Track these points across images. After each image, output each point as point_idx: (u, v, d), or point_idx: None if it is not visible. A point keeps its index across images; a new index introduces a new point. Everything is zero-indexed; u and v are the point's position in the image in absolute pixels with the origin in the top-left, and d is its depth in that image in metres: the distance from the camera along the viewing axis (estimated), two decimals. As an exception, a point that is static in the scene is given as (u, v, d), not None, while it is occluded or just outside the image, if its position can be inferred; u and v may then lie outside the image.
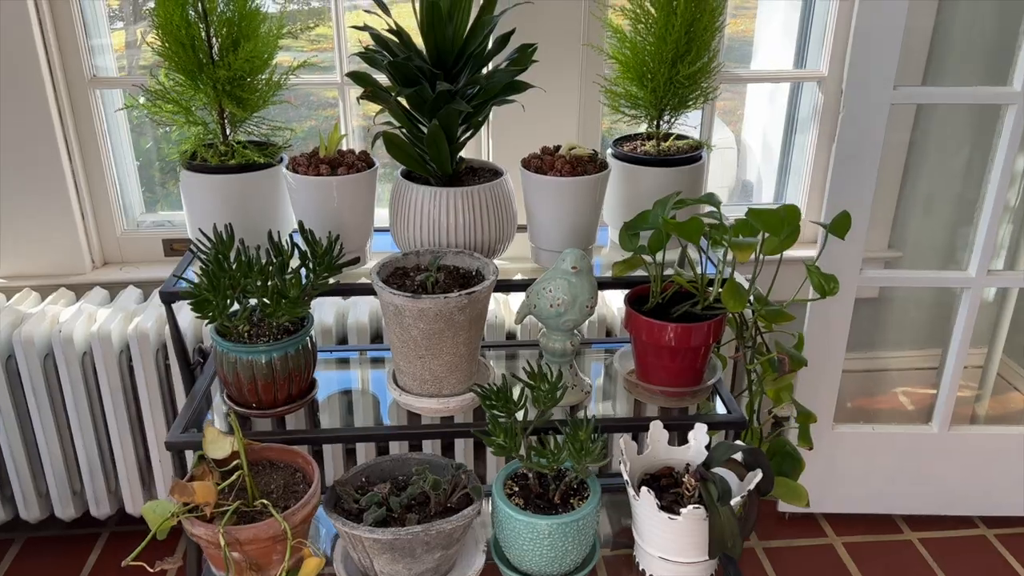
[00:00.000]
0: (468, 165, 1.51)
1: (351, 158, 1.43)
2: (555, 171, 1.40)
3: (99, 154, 1.90)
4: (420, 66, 1.32)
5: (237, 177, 1.40)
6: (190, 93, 1.38)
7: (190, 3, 1.35)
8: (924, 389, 2.45)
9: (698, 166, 1.51)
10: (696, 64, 1.43)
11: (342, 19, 1.84)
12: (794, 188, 2.21)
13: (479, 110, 1.40)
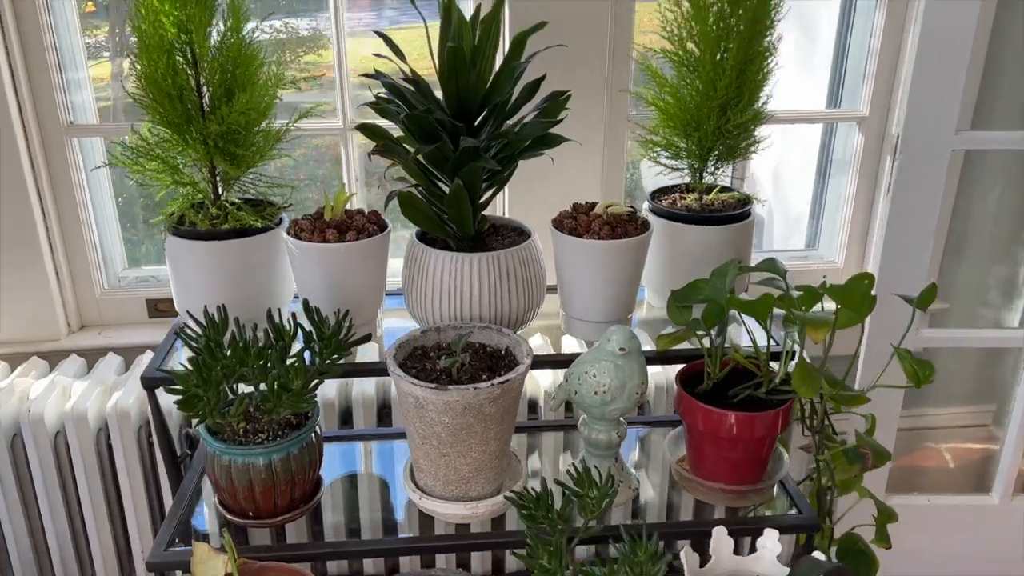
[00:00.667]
0: (490, 223, 1.35)
1: (360, 220, 1.26)
2: (592, 233, 1.24)
3: (76, 207, 1.73)
4: (441, 119, 1.16)
5: (231, 243, 1.23)
6: (177, 149, 1.22)
7: (177, 48, 1.18)
8: (970, 445, 2.29)
9: (747, 224, 1.35)
10: (749, 111, 1.27)
11: (344, 56, 1.69)
12: (829, 233, 2.06)
13: (505, 166, 1.23)
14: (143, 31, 1.16)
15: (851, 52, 1.91)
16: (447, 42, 1.16)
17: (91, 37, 1.84)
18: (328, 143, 1.95)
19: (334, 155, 1.99)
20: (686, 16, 1.25)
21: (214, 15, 1.20)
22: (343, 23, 1.66)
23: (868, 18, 1.85)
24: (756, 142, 1.32)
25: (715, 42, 1.24)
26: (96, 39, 1.85)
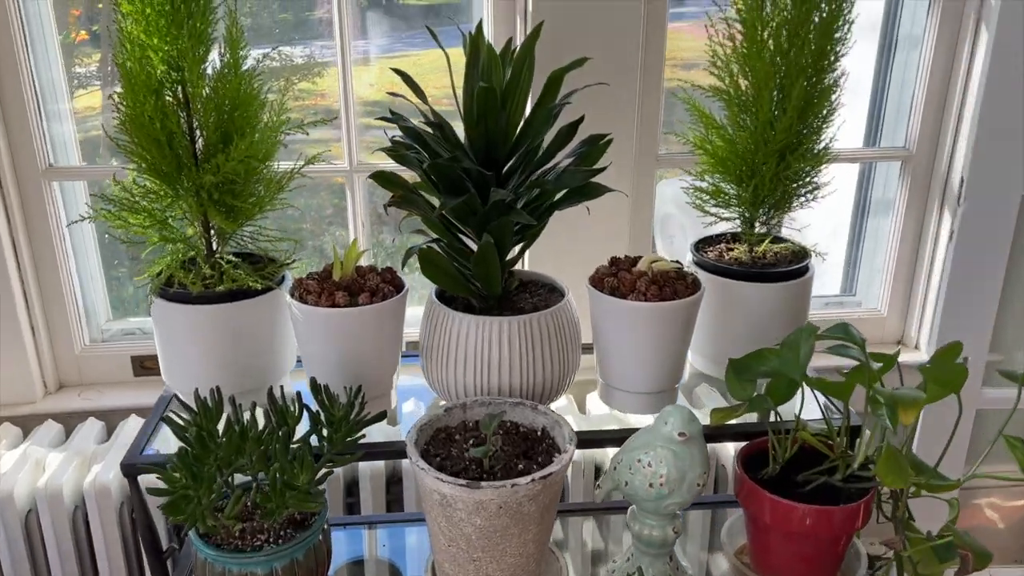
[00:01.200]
0: (518, 280, 1.20)
1: (373, 280, 1.11)
2: (637, 294, 1.09)
3: (55, 256, 1.58)
4: (468, 168, 1.02)
5: (226, 307, 1.08)
6: (166, 201, 1.07)
7: (167, 87, 1.04)
8: (1014, 502, 2.13)
9: (805, 281, 1.21)
10: (810, 155, 1.13)
11: (351, 90, 1.55)
12: (867, 279, 1.92)
13: (540, 219, 1.09)
14: (128, 69, 1.01)
15: (891, 87, 1.78)
16: (475, 81, 1.02)
17: (82, 67, 1.70)
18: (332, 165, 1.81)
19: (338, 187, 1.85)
20: (739, 51, 1.12)
21: (209, 50, 1.06)
22: (349, 55, 1.52)
23: (908, 53, 1.72)
24: (816, 188, 1.18)
25: (773, 80, 1.10)
26: (87, 67, 1.71)
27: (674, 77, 1.66)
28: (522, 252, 1.15)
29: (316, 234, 1.97)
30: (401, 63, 1.76)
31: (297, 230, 1.92)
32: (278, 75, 1.65)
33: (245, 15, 1.67)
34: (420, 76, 1.07)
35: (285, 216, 1.82)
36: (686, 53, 1.73)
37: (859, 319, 1.85)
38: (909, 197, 1.76)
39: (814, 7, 1.07)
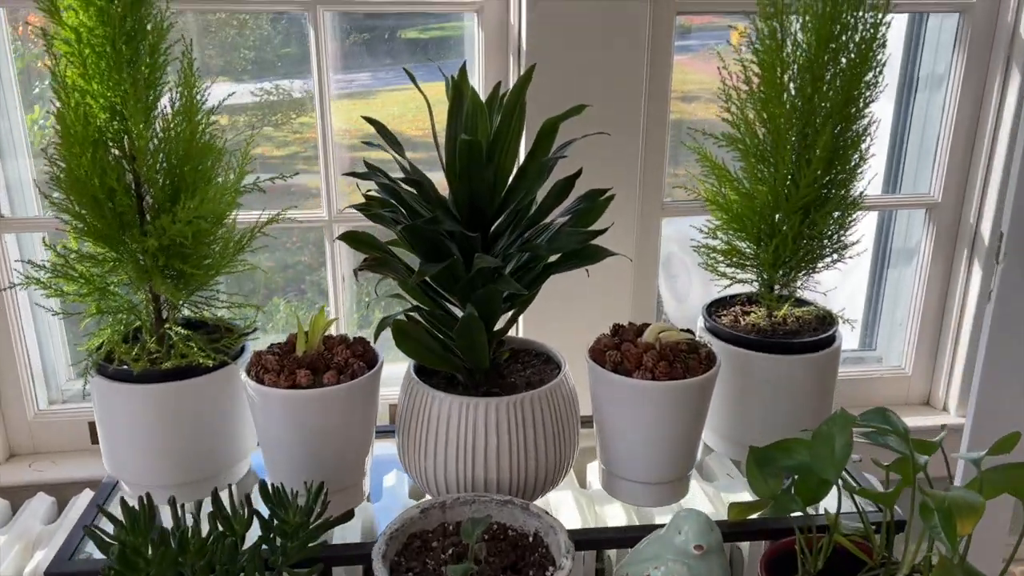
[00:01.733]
0: (509, 348, 1.07)
1: (342, 354, 0.97)
2: (644, 370, 0.96)
3: (6, 315, 1.44)
4: (451, 230, 0.89)
5: (173, 387, 0.94)
6: (107, 267, 0.94)
7: (110, 138, 0.92)
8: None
9: (833, 352, 1.07)
10: (837, 211, 1.01)
11: (330, 131, 1.42)
12: (888, 332, 1.78)
13: (531, 286, 0.96)
14: (65, 118, 0.89)
15: (912, 129, 1.66)
16: (458, 132, 0.90)
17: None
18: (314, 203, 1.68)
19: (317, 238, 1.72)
20: (756, 95, 0.99)
21: (159, 95, 0.94)
22: (328, 95, 1.40)
23: (931, 93, 1.61)
24: (844, 247, 1.05)
25: (794, 128, 0.98)
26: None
27: (675, 109, 1.54)
28: (512, 320, 1.01)
29: (296, 283, 1.83)
30: (402, 96, 1.65)
31: (271, 282, 1.79)
32: (275, 109, 1.54)
33: (249, 48, 1.57)
34: (421, 110, 0.94)
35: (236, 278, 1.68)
36: (689, 86, 1.62)
37: (882, 378, 1.71)
38: (934, 248, 1.63)
39: (841, 48, 0.95)
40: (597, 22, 1.32)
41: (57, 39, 0.88)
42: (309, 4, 1.35)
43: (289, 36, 1.58)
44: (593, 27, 1.32)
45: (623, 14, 1.32)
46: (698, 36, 1.63)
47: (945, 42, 1.56)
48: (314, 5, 1.35)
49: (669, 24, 1.38)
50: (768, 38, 0.97)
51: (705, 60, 1.60)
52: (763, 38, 0.98)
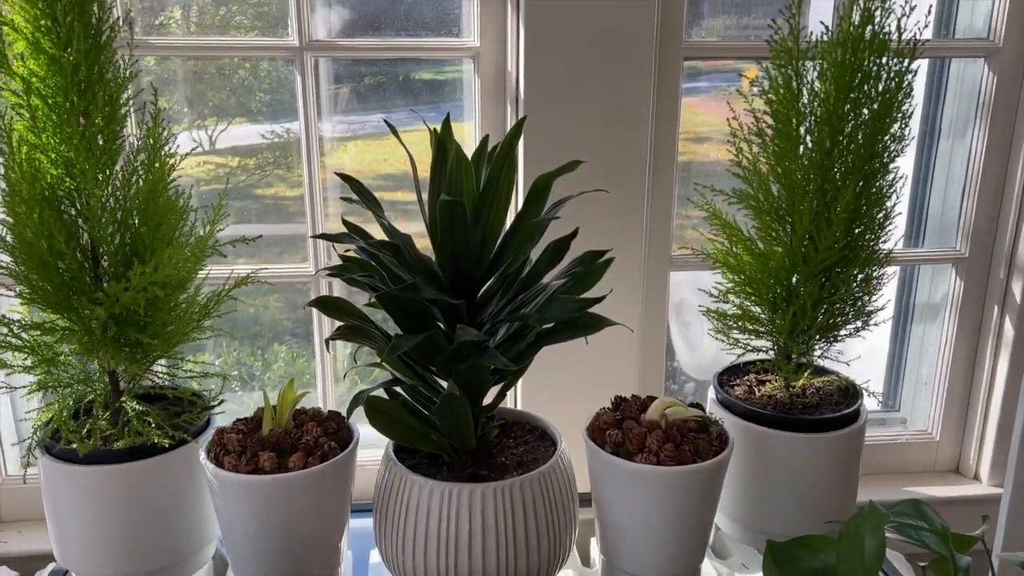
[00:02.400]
0: (499, 424, 0.97)
1: (312, 431, 0.88)
2: (648, 453, 0.86)
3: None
4: (434, 298, 0.80)
5: (126, 469, 0.85)
6: (56, 335, 0.85)
7: (62, 193, 0.84)
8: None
9: (858, 429, 0.97)
10: (860, 275, 0.91)
11: (316, 176, 1.34)
12: (911, 391, 1.67)
13: (522, 356, 0.87)
14: (11, 175, 0.81)
15: (935, 180, 1.57)
16: (440, 189, 0.82)
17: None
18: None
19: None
20: (770, 149, 0.91)
21: (118, 151, 0.86)
22: (316, 143, 1.33)
23: (954, 141, 1.52)
24: (869, 314, 0.95)
25: (812, 184, 0.89)
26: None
27: (686, 150, 1.47)
28: (502, 395, 0.92)
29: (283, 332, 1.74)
30: (416, 137, 1.60)
31: (260, 332, 1.70)
32: (287, 151, 1.48)
33: (265, 91, 1.51)
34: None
35: (242, 320, 1.60)
36: (701, 128, 1.55)
37: (907, 443, 1.60)
38: (962, 304, 1.53)
39: (863, 98, 0.86)
40: (599, 69, 1.24)
41: (5, 89, 0.81)
42: (296, 51, 1.28)
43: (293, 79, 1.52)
44: (595, 74, 1.25)
45: (626, 62, 1.24)
46: (709, 78, 1.56)
47: (969, 88, 1.48)
48: (301, 52, 1.28)
49: (676, 70, 1.31)
50: (782, 87, 0.89)
51: (717, 101, 1.52)
52: (776, 87, 0.89)
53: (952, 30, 1.49)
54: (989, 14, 1.40)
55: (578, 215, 0.94)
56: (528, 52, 1.24)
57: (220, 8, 1.38)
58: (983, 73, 1.43)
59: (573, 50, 1.24)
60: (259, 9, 1.41)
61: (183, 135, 1.42)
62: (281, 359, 1.72)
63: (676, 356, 1.72)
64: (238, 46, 1.32)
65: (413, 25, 1.38)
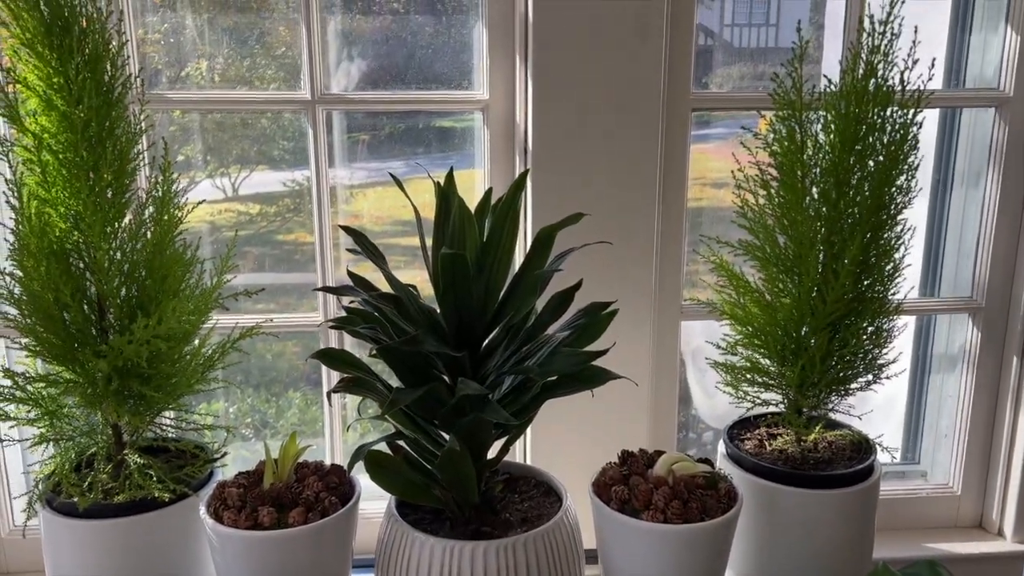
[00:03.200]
0: (503, 478, 0.96)
1: (314, 486, 0.87)
2: (655, 511, 0.84)
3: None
4: (437, 351, 0.80)
5: (125, 523, 0.85)
6: (61, 388, 0.86)
7: (70, 247, 0.85)
8: None
9: (871, 486, 0.94)
10: (869, 328, 0.90)
11: (327, 225, 1.34)
12: (931, 444, 1.63)
13: (525, 410, 0.86)
14: (21, 229, 0.82)
15: (949, 229, 1.56)
16: (443, 242, 0.82)
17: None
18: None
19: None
20: (776, 201, 0.90)
21: (127, 204, 0.88)
22: (327, 195, 1.34)
23: (967, 191, 1.51)
24: (880, 368, 0.93)
25: (819, 236, 0.88)
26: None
27: (703, 195, 1.47)
28: (505, 449, 0.91)
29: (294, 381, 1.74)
30: (428, 184, 1.63)
31: (271, 380, 1.70)
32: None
33: (288, 139, 1.53)
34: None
35: (258, 366, 1.60)
36: (714, 174, 1.55)
37: (928, 497, 1.56)
38: (980, 354, 1.50)
39: (868, 150, 0.86)
40: (606, 121, 1.25)
41: (18, 144, 0.83)
42: (308, 104, 1.30)
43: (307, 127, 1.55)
44: (602, 126, 1.25)
45: (634, 113, 1.25)
46: (725, 123, 1.57)
47: (981, 137, 1.47)
48: (313, 105, 1.30)
49: (684, 121, 1.31)
50: (786, 139, 0.89)
51: (733, 146, 1.53)
52: (780, 139, 0.89)
53: (962, 80, 1.49)
54: (998, 64, 1.40)
55: (585, 267, 0.94)
56: (536, 104, 1.25)
57: (245, 60, 1.41)
58: (994, 122, 1.42)
59: (581, 102, 1.25)
60: (282, 61, 1.44)
61: (206, 182, 1.45)
62: (295, 406, 1.72)
63: (694, 404, 1.69)
64: (252, 99, 1.35)
65: (425, 78, 1.40)
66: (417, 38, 1.41)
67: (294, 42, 1.37)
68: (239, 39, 1.39)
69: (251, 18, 1.39)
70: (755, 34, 2.30)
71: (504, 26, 1.29)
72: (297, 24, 1.31)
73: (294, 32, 1.37)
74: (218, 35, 1.38)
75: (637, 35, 1.24)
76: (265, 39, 1.43)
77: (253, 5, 1.37)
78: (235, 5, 1.37)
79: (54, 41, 0.81)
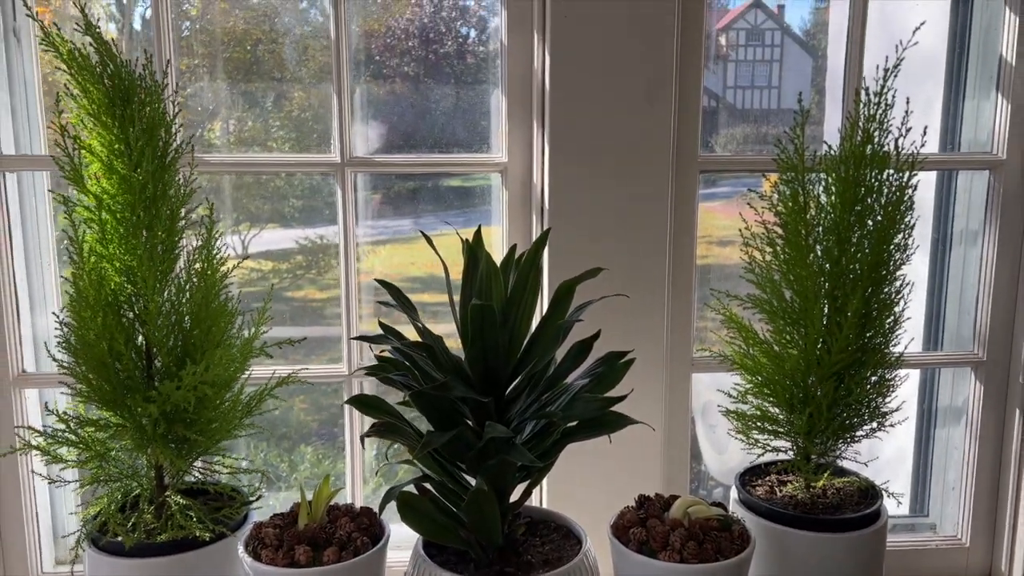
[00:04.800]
0: (525, 522, 1.00)
1: (346, 527, 0.92)
2: (671, 551, 0.88)
3: (16, 469, 1.41)
4: (463, 396, 0.85)
5: (168, 562, 0.89)
6: (110, 431, 0.91)
7: (123, 299, 0.91)
8: None
9: (878, 530, 0.98)
10: (873, 377, 0.95)
11: (352, 279, 1.41)
12: (939, 496, 1.66)
13: (548, 454, 0.91)
14: (80, 282, 0.89)
15: (949, 285, 1.62)
16: (471, 295, 0.88)
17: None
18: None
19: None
20: (781, 257, 0.96)
21: (176, 260, 0.94)
22: (353, 251, 1.41)
23: (967, 249, 1.57)
24: (884, 416, 0.98)
25: (823, 290, 0.94)
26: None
27: (710, 254, 1.53)
28: (528, 492, 0.95)
29: (321, 435, 1.80)
30: (445, 241, 1.69)
31: (292, 435, 1.75)
32: (318, 255, 1.57)
33: (298, 197, 1.61)
34: (461, 254, 0.92)
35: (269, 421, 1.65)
36: (721, 232, 1.61)
37: (937, 549, 1.58)
38: (983, 407, 1.54)
39: (867, 210, 0.92)
40: (619, 182, 1.32)
41: (79, 205, 0.90)
42: (338, 166, 1.38)
43: (335, 187, 1.62)
44: (615, 187, 1.33)
45: (646, 174, 1.33)
46: (731, 183, 1.64)
47: (977, 197, 1.54)
48: (343, 168, 1.38)
49: (693, 182, 1.38)
50: (789, 200, 0.95)
51: (739, 205, 1.60)
52: (784, 200, 0.96)
53: (957, 144, 1.57)
54: (991, 128, 1.48)
55: (601, 319, 1.00)
56: (552, 166, 1.33)
57: (259, 121, 1.50)
58: (989, 183, 1.49)
59: (594, 164, 1.32)
60: (299, 121, 1.53)
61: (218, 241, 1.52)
62: (307, 460, 1.76)
63: (703, 460, 1.73)
64: (284, 162, 1.43)
65: (445, 142, 1.48)
66: (440, 105, 1.50)
67: (308, 105, 1.46)
68: (252, 102, 1.48)
69: (267, 83, 1.48)
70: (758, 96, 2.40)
71: (522, 93, 1.37)
72: (313, 88, 1.40)
73: (308, 95, 1.46)
74: (234, 99, 1.47)
75: (647, 99, 1.32)
76: (280, 102, 1.52)
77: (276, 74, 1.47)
78: (255, 72, 1.46)
79: (116, 111, 0.89)
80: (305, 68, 1.47)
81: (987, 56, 1.50)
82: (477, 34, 1.52)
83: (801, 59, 2.39)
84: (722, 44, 2.08)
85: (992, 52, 1.48)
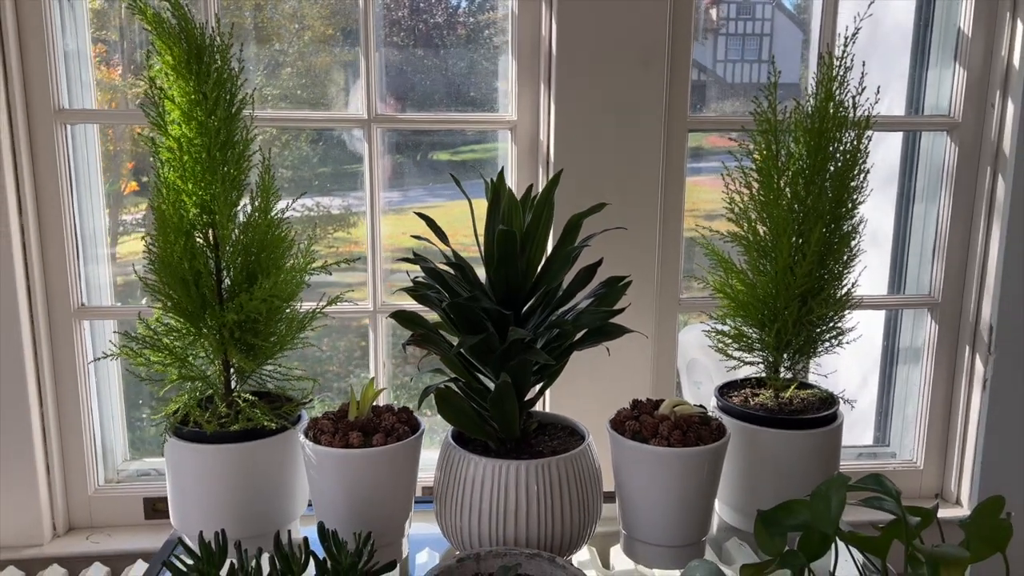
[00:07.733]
0: (537, 421, 1.18)
1: (389, 420, 1.09)
2: (659, 438, 1.06)
3: (77, 394, 1.58)
4: (487, 308, 1.02)
5: (241, 447, 1.06)
6: (188, 340, 1.08)
7: (199, 229, 1.08)
8: None
9: (835, 429, 1.17)
10: (833, 300, 1.13)
11: (378, 235, 1.59)
12: (900, 428, 1.86)
13: (559, 359, 1.08)
14: (163, 212, 1.05)
15: (912, 236, 1.80)
16: (496, 224, 1.05)
17: (130, 215, 1.79)
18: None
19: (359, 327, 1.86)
20: (757, 198, 1.14)
21: (241, 195, 1.10)
22: (379, 201, 1.58)
23: (927, 204, 1.75)
24: (841, 333, 1.16)
25: (791, 226, 1.12)
26: (134, 215, 1.80)
27: (700, 226, 1.69)
28: (541, 392, 1.13)
29: (343, 376, 1.98)
30: (431, 212, 1.84)
31: (323, 372, 1.93)
32: (316, 223, 1.72)
33: (287, 167, 1.77)
34: (446, 224, 1.10)
35: (312, 357, 1.83)
36: (707, 205, 1.77)
37: (894, 471, 1.78)
38: (938, 345, 1.73)
39: (829, 157, 1.10)
40: (617, 136, 1.49)
41: (162, 147, 1.06)
42: (365, 122, 1.54)
43: (327, 157, 1.78)
44: (613, 140, 1.50)
45: (641, 134, 1.50)
46: (718, 158, 1.80)
47: (937, 158, 1.71)
48: (369, 123, 1.54)
49: (682, 140, 1.56)
50: (764, 149, 1.12)
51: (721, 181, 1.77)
52: (760, 149, 1.13)
53: (921, 108, 1.74)
54: (950, 93, 1.65)
55: (601, 251, 1.17)
56: (558, 123, 1.49)
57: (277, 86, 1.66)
58: (947, 145, 1.67)
59: (595, 122, 1.49)
60: (314, 82, 1.69)
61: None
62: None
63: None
64: (317, 118, 1.59)
65: (460, 102, 1.64)
66: (458, 67, 1.66)
67: (321, 67, 1.62)
68: (275, 64, 1.64)
69: (282, 46, 1.64)
70: (747, 70, 2.54)
71: (531, 58, 1.53)
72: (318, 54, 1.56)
73: (318, 58, 1.62)
74: (253, 63, 1.63)
75: (643, 65, 1.48)
76: (297, 64, 1.67)
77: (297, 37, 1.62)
78: (276, 35, 1.62)
79: (192, 67, 1.04)
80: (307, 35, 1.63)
81: (948, 29, 1.67)
82: (491, 2, 1.67)
83: (791, 32, 2.53)
84: (712, 17, 2.24)
85: (953, 26, 1.65)
